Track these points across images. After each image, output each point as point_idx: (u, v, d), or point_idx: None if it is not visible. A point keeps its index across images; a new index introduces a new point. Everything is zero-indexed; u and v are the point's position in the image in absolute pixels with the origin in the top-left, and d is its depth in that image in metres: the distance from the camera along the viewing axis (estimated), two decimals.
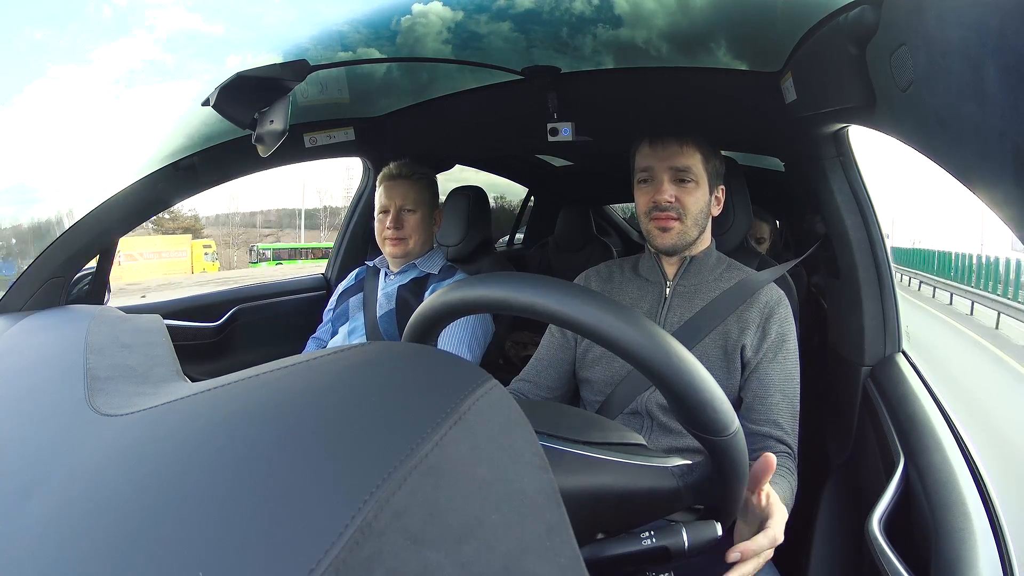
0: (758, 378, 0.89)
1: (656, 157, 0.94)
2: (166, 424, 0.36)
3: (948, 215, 20.95)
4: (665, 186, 0.93)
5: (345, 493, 0.25)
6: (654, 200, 0.93)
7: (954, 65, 0.51)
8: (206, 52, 1.14)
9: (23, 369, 0.62)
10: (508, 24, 1.08)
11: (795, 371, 0.91)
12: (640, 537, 0.49)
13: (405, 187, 1.30)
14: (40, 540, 0.29)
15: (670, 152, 0.94)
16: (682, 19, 1.05)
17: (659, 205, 0.93)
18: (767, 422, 0.87)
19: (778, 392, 0.89)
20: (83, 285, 1.16)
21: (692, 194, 0.94)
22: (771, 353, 0.90)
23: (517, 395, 0.96)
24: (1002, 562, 0.57)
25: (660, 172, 0.94)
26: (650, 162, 0.95)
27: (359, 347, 0.41)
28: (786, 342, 0.91)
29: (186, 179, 1.16)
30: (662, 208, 0.93)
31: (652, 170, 0.94)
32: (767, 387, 0.89)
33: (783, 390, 0.89)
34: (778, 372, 0.89)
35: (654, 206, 0.94)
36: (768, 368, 0.89)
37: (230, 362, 1.47)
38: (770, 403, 0.88)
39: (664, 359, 0.42)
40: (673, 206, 0.93)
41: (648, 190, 0.95)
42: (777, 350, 0.90)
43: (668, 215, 0.93)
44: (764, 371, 0.89)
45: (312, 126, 1.41)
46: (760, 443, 0.87)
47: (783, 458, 0.85)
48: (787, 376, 0.90)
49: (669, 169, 0.93)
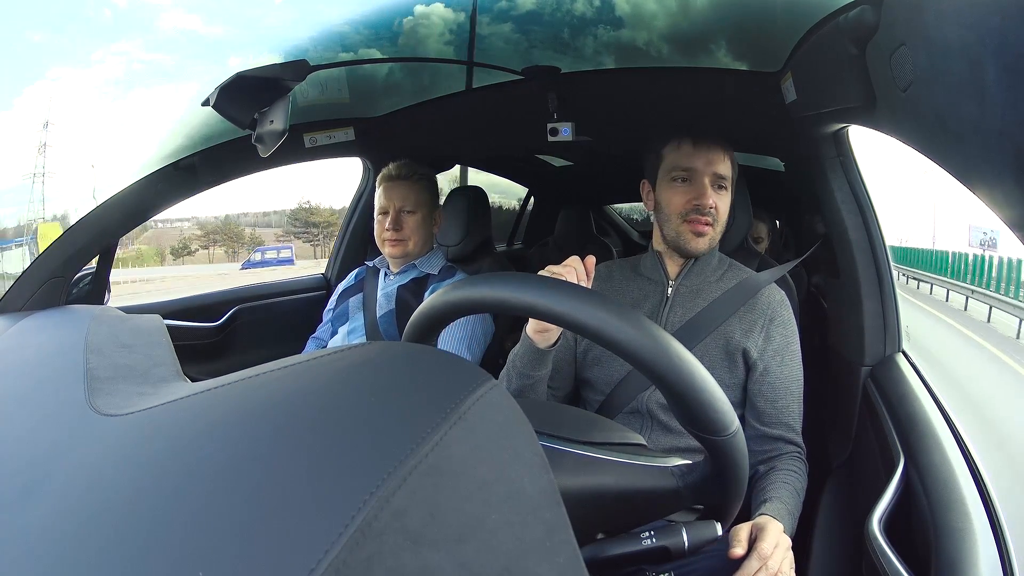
0: (768, 382, 0.90)
1: (702, 160, 0.93)
2: (166, 424, 0.36)
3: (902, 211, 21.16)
4: (709, 191, 0.92)
5: (345, 493, 0.25)
6: (697, 203, 0.92)
7: (954, 65, 0.51)
8: (205, 53, 1.14)
9: (23, 369, 0.62)
10: (509, 25, 1.08)
11: (800, 372, 0.92)
12: (640, 537, 0.49)
13: (404, 188, 1.30)
14: (40, 540, 0.29)
15: (715, 157, 0.93)
16: (683, 20, 1.06)
17: (702, 209, 0.92)
18: (779, 424, 0.89)
19: (787, 395, 0.90)
20: (83, 285, 1.16)
21: (724, 200, 0.95)
22: (778, 357, 0.91)
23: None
24: (1002, 562, 0.57)
25: (703, 176, 0.93)
26: (694, 164, 0.93)
27: (359, 347, 0.41)
28: (790, 344, 0.93)
29: (186, 179, 1.16)
30: (703, 212, 0.92)
31: (694, 172, 0.93)
32: (776, 390, 0.90)
33: (791, 392, 0.90)
34: (786, 375, 0.91)
35: (695, 209, 0.92)
36: (777, 372, 0.90)
37: (230, 362, 1.47)
38: (780, 406, 0.89)
39: (665, 359, 0.42)
40: (711, 212, 0.92)
41: (687, 191, 0.93)
42: (783, 353, 0.91)
43: (706, 220, 0.92)
44: (773, 375, 0.90)
45: (312, 126, 1.40)
46: (772, 446, 0.88)
47: (794, 461, 0.88)
48: (794, 378, 0.91)
49: (712, 174, 0.93)
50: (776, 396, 0.89)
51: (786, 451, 0.88)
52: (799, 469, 0.87)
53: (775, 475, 0.85)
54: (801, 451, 0.89)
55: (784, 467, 0.86)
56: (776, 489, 0.81)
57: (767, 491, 0.81)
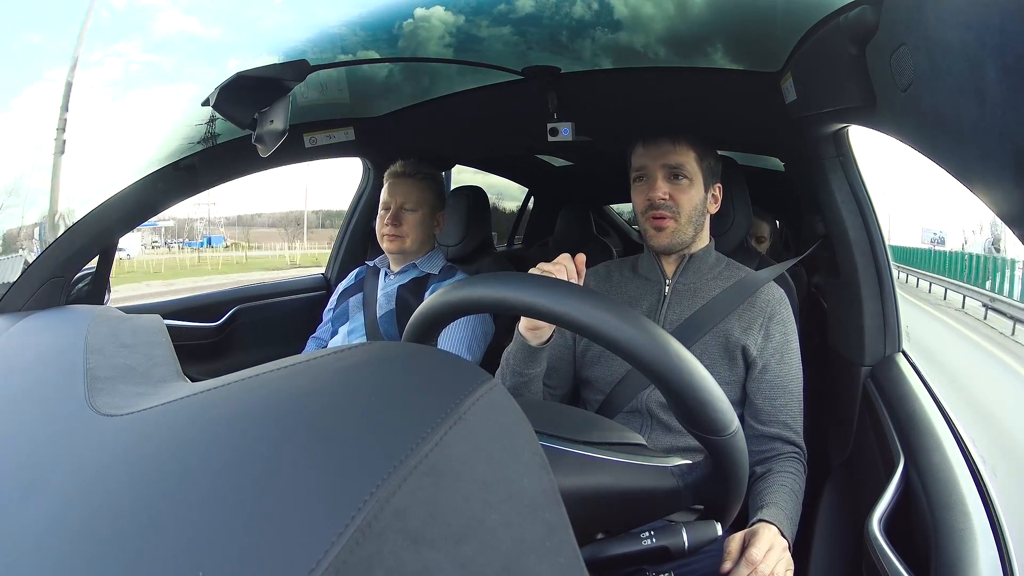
0: (766, 380, 0.90)
1: (649, 156, 0.95)
2: (166, 424, 0.36)
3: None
4: (659, 183, 0.93)
5: (345, 493, 0.25)
6: (648, 198, 0.94)
7: (954, 65, 0.51)
8: (204, 55, 1.14)
9: (23, 369, 0.62)
10: (508, 28, 1.08)
11: (799, 371, 0.92)
12: (640, 537, 0.49)
13: (407, 185, 1.31)
14: (40, 540, 0.29)
15: (663, 150, 0.94)
16: (683, 20, 1.06)
17: (653, 203, 0.93)
18: (776, 423, 0.88)
19: (786, 393, 0.90)
20: (83, 285, 1.16)
21: (686, 192, 0.94)
22: (777, 355, 0.91)
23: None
24: (1002, 562, 0.57)
25: (654, 170, 0.94)
26: (644, 161, 0.95)
27: (359, 347, 0.41)
28: (790, 343, 0.92)
29: (186, 179, 1.16)
30: (656, 206, 0.93)
31: (646, 168, 0.95)
32: (775, 388, 0.89)
33: (790, 390, 0.90)
34: (785, 373, 0.90)
35: (649, 204, 0.94)
36: (775, 370, 0.90)
37: (230, 362, 1.47)
38: (778, 404, 0.89)
39: (664, 359, 0.42)
40: (667, 204, 0.93)
41: (643, 188, 0.96)
42: (782, 352, 0.91)
43: (662, 213, 0.93)
44: (771, 372, 0.90)
45: (312, 126, 1.40)
46: (769, 446, 0.88)
47: (791, 461, 0.87)
48: (793, 376, 0.91)
49: (663, 167, 0.94)
50: (775, 394, 0.89)
51: (783, 451, 0.88)
52: (796, 470, 0.86)
53: (771, 478, 0.84)
54: (799, 451, 0.89)
55: (780, 469, 0.85)
56: (772, 494, 0.81)
57: (763, 496, 0.81)
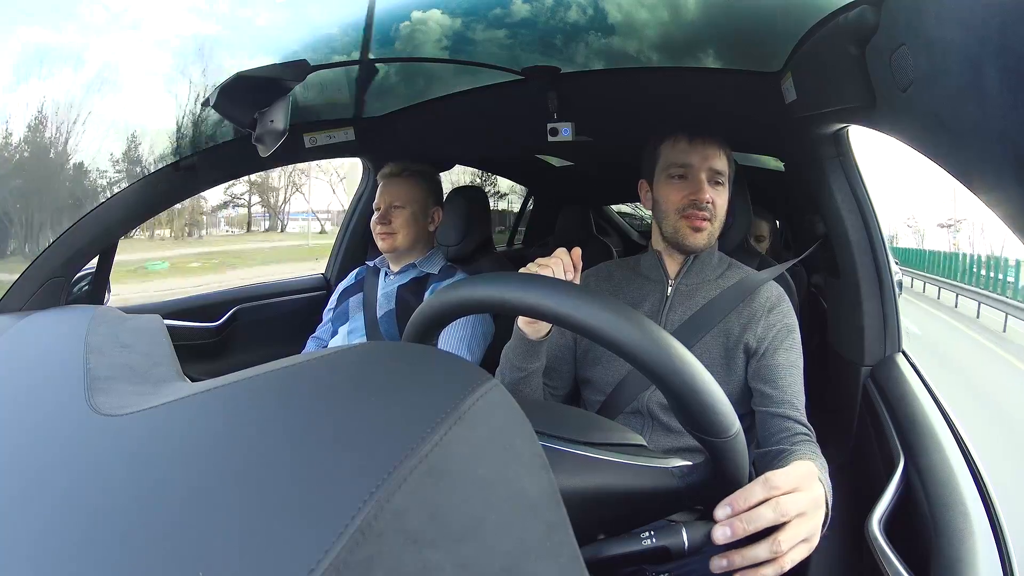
0: (769, 365, 0.88)
1: (697, 155, 0.93)
2: (166, 424, 0.36)
3: None
4: (706, 186, 0.92)
5: (345, 493, 0.25)
6: (693, 199, 0.92)
7: (954, 65, 0.51)
8: (203, 55, 1.14)
9: (23, 369, 0.62)
10: (504, 32, 1.09)
11: (800, 361, 0.91)
12: (640, 537, 0.49)
13: (396, 184, 1.33)
14: (40, 540, 0.29)
15: (710, 152, 0.93)
16: (679, 19, 1.06)
17: (699, 204, 0.92)
18: (784, 403, 0.85)
19: (789, 376, 0.87)
20: (83, 285, 1.16)
21: (722, 196, 0.94)
22: (777, 341, 0.89)
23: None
24: (1002, 562, 0.57)
25: (700, 171, 0.93)
26: (690, 159, 0.93)
27: (359, 347, 0.41)
28: (792, 332, 0.91)
29: (186, 179, 1.16)
30: (701, 207, 0.92)
31: (691, 168, 0.93)
32: (778, 370, 0.87)
33: (794, 375, 0.88)
34: (787, 360, 0.88)
35: (692, 204, 0.92)
36: (777, 355, 0.88)
37: (230, 362, 1.47)
38: (783, 385, 0.87)
39: (666, 361, 0.42)
40: (708, 207, 0.92)
41: (683, 187, 0.93)
42: (784, 338, 0.90)
43: (704, 215, 0.92)
44: (774, 358, 0.88)
45: (312, 126, 1.40)
46: (784, 424, 0.84)
47: (809, 444, 0.82)
48: (795, 364, 0.89)
49: (709, 170, 0.93)
50: (777, 377, 0.87)
51: (798, 431, 0.83)
52: (816, 452, 0.79)
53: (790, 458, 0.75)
54: (811, 433, 0.84)
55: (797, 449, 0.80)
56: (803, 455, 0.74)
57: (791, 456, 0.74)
